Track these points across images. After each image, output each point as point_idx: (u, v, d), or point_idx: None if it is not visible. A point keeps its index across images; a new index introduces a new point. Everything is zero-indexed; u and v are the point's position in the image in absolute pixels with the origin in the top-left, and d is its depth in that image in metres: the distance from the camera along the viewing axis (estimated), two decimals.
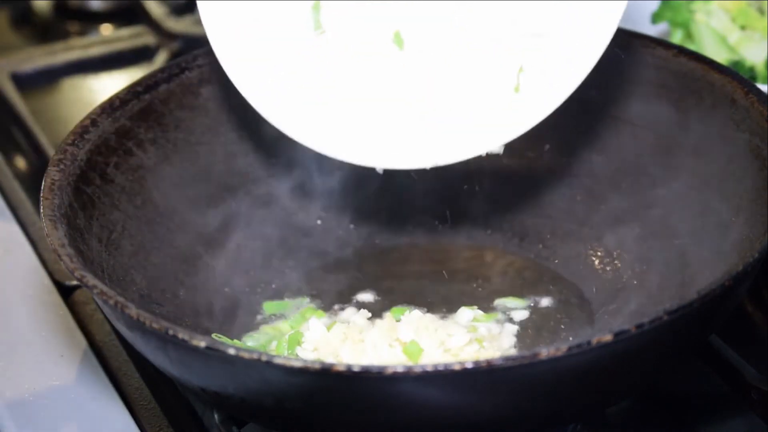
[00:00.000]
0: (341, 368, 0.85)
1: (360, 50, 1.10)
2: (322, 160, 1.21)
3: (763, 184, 1.03)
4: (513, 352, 1.07)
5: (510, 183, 1.22)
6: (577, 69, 1.04)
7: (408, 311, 1.10)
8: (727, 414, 1.06)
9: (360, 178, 1.22)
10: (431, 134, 1.08)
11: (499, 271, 1.18)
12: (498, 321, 1.11)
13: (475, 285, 1.16)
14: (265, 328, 1.12)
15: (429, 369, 0.84)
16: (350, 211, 1.22)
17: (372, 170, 1.22)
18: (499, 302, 1.13)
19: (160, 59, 1.55)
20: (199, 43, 1.49)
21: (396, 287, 1.16)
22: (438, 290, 1.15)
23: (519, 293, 1.14)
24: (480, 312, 1.11)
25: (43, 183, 1.03)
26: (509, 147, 1.21)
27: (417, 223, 1.22)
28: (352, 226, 1.22)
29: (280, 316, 1.13)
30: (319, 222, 1.21)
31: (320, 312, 1.13)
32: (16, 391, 1.08)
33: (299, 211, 1.21)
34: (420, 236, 1.22)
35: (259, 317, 1.13)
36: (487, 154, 1.07)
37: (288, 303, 1.14)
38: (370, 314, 1.12)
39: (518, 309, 1.12)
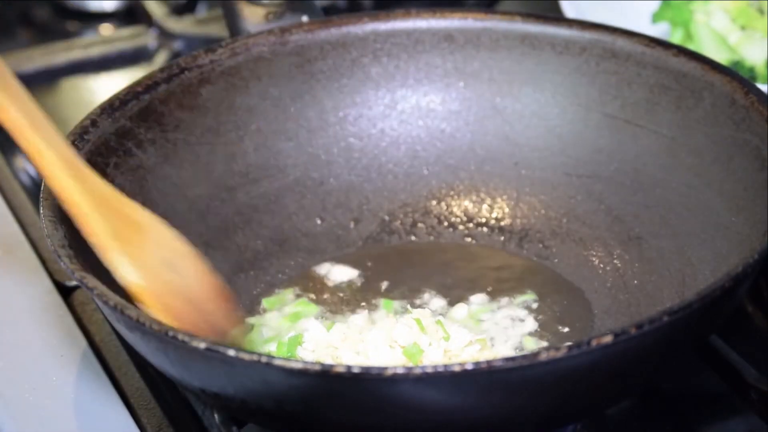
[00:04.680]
0: (341, 369, 0.85)
1: None
2: (321, 160, 1.22)
3: (763, 184, 1.03)
4: (513, 352, 1.07)
5: (509, 183, 1.22)
6: None
7: (391, 308, 1.11)
8: (727, 414, 1.06)
9: (360, 178, 1.22)
10: None
11: (499, 271, 1.18)
12: (496, 315, 1.11)
13: (475, 285, 1.16)
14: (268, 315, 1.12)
15: (429, 370, 0.84)
16: (350, 211, 1.22)
17: (372, 171, 1.22)
18: (499, 302, 1.14)
19: (160, 59, 1.55)
20: (199, 43, 1.50)
21: (396, 287, 1.16)
22: (438, 290, 1.15)
23: (519, 293, 1.14)
24: (475, 307, 1.12)
25: (42, 183, 1.03)
26: (508, 148, 1.22)
27: (417, 223, 1.22)
28: (352, 225, 1.22)
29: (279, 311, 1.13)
30: (319, 222, 1.21)
31: (313, 306, 1.13)
32: (16, 391, 1.07)
33: (299, 211, 1.21)
34: (420, 236, 1.22)
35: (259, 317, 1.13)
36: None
37: (286, 298, 1.15)
38: (368, 313, 1.12)
39: (518, 309, 1.13)
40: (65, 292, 1.18)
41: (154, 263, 1.00)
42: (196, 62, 1.17)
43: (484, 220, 1.22)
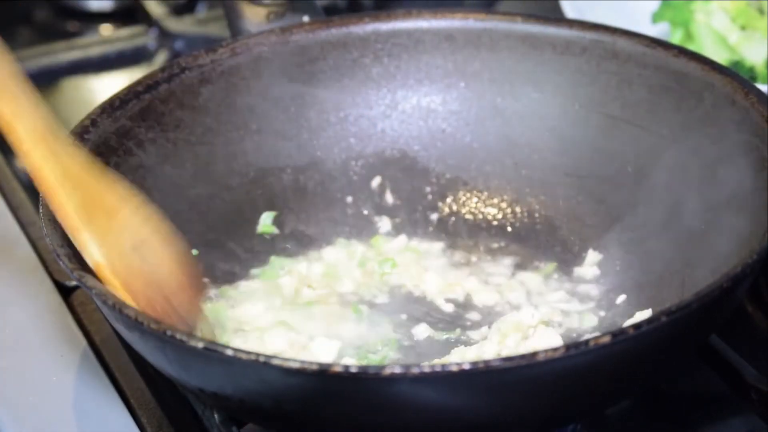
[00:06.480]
0: (338, 369, 0.85)
1: None
2: (321, 161, 1.22)
3: (763, 184, 1.03)
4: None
5: (510, 183, 1.22)
6: None
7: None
8: (727, 414, 1.06)
9: (360, 179, 1.22)
10: None
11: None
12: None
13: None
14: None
15: (427, 370, 0.84)
16: (350, 212, 1.22)
17: (371, 173, 1.22)
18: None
19: (160, 59, 1.55)
20: (199, 43, 1.49)
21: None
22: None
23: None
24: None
25: None
26: (508, 148, 1.22)
27: (417, 222, 1.22)
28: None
29: None
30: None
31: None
32: (16, 391, 1.08)
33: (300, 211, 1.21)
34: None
35: None
36: None
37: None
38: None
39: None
40: (65, 292, 1.18)
41: (121, 247, 0.99)
42: (196, 62, 1.18)
43: (484, 221, 1.22)
